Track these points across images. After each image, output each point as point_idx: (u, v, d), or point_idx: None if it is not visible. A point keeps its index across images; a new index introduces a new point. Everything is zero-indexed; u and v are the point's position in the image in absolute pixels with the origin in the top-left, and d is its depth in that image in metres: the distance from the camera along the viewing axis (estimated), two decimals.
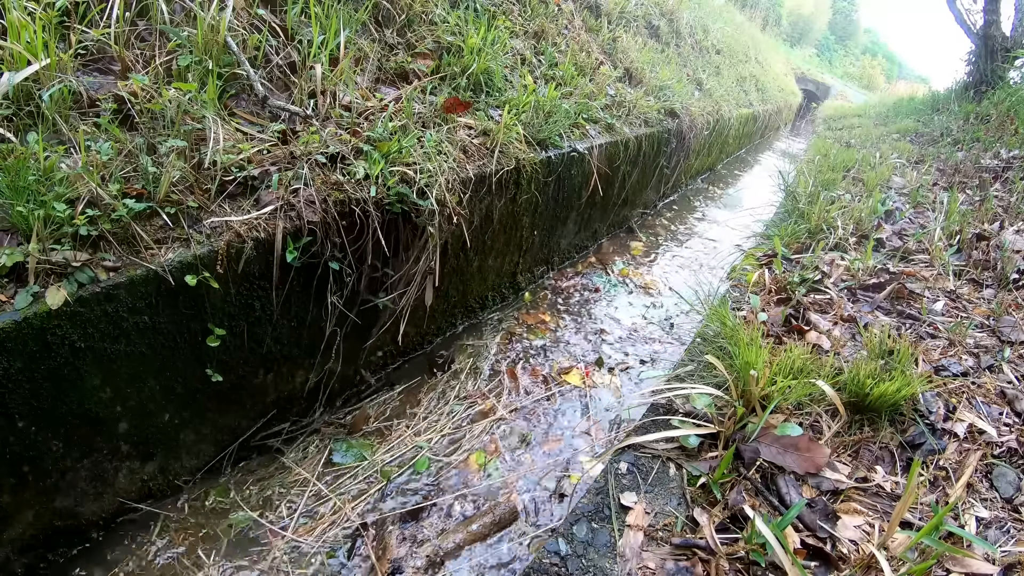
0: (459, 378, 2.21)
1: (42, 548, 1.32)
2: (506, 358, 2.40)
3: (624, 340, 2.72)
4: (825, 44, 30.19)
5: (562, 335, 2.68)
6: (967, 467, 1.47)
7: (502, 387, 2.17)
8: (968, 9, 8.21)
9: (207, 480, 1.66)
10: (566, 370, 2.38)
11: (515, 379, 2.22)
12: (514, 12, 3.26)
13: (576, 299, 3.08)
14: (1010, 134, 5.32)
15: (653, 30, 5.50)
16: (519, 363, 2.37)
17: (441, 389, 2.13)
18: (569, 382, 2.29)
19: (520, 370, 2.29)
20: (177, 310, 1.35)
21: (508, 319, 2.72)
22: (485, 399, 2.08)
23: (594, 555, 1.27)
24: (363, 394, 2.10)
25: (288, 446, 1.82)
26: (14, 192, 1.12)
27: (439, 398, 2.08)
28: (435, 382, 2.17)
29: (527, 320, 2.73)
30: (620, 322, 2.87)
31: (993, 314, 2.24)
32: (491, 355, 2.40)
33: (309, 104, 1.83)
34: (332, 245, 1.62)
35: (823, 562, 1.25)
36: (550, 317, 2.80)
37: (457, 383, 2.17)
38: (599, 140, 3.08)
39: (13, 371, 1.10)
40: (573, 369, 2.39)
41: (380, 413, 2.01)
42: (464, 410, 2.03)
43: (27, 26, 1.31)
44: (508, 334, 2.57)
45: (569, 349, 2.58)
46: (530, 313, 2.79)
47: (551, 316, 2.82)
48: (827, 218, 3.31)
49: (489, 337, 2.54)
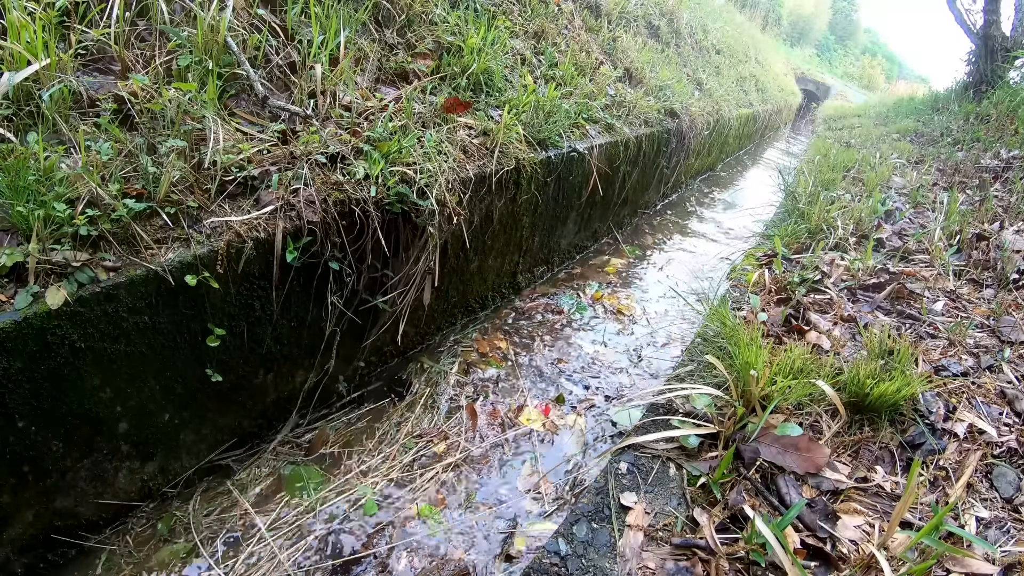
0: (414, 410, 2.03)
1: (42, 548, 1.32)
2: (464, 391, 2.19)
3: (586, 370, 2.44)
4: (825, 44, 30.20)
5: (523, 363, 2.43)
6: (967, 467, 1.47)
7: (460, 425, 1.99)
8: (968, 9, 8.22)
9: (169, 502, 1.57)
10: (523, 408, 2.13)
11: (474, 418, 2.02)
12: (514, 12, 3.27)
13: (539, 321, 2.78)
14: (1010, 134, 5.32)
15: (653, 30, 5.50)
16: (479, 398, 2.16)
17: (397, 421, 1.97)
18: (526, 424, 2.04)
19: (480, 407, 2.09)
20: (177, 310, 1.35)
21: (467, 339, 2.51)
22: (440, 439, 1.91)
23: (594, 555, 1.27)
24: (338, 405, 2.01)
25: (240, 464, 1.72)
26: (14, 192, 1.12)
27: (394, 429, 1.93)
28: (393, 411, 2.02)
29: (482, 348, 2.47)
30: (582, 349, 2.59)
31: (993, 314, 2.24)
32: (450, 385, 2.20)
33: (309, 104, 1.83)
34: (332, 245, 1.62)
35: (823, 562, 1.25)
36: (505, 344, 2.53)
37: (412, 416, 2.00)
38: (599, 140, 3.08)
39: (13, 371, 1.10)
40: (532, 408, 2.13)
41: (339, 437, 1.88)
42: (417, 450, 1.85)
43: (27, 26, 1.31)
44: (464, 362, 2.35)
45: (529, 381, 2.32)
46: (485, 338, 2.54)
47: (506, 343, 2.55)
48: (827, 218, 3.32)
49: (447, 362, 2.33)
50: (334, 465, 1.79)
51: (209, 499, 1.61)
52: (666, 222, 4.62)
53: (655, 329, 2.87)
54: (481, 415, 2.05)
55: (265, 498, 1.64)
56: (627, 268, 3.59)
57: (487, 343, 2.52)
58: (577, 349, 2.59)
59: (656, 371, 2.50)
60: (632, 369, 2.49)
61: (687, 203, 5.29)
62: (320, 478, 1.72)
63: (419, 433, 1.92)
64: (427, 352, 2.40)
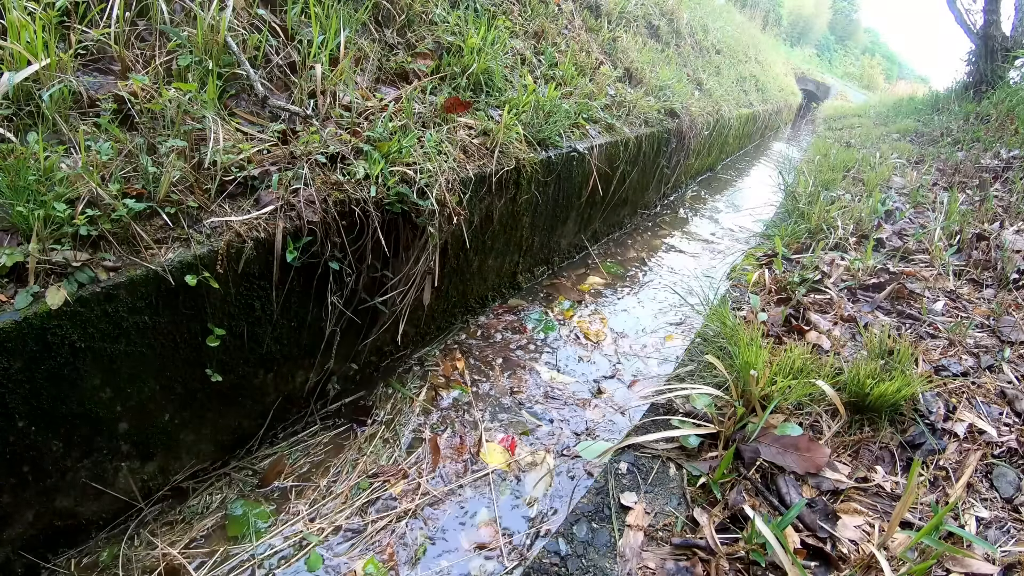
0: (374, 443, 1.85)
1: (42, 548, 1.32)
2: (430, 420, 2.00)
3: (551, 402, 2.21)
4: (825, 44, 30.20)
5: (487, 391, 2.20)
6: (967, 467, 1.47)
7: (421, 461, 1.81)
8: (968, 9, 8.22)
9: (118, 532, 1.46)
10: (487, 444, 1.92)
11: (436, 454, 1.84)
12: (514, 12, 3.27)
13: (503, 342, 2.55)
14: (1010, 134, 5.32)
15: (653, 30, 5.50)
16: (446, 430, 1.96)
17: (354, 457, 1.79)
18: (490, 462, 1.84)
19: (444, 441, 1.90)
20: (177, 310, 1.35)
21: (430, 358, 2.32)
22: (398, 478, 1.73)
23: (594, 555, 1.27)
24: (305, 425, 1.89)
25: (201, 486, 1.61)
26: (14, 192, 1.12)
27: (350, 466, 1.75)
28: (352, 442, 1.85)
29: (445, 371, 2.27)
30: (541, 376, 2.36)
31: (993, 314, 2.24)
32: (415, 414, 2.01)
33: (309, 104, 1.83)
34: (332, 245, 1.62)
35: (823, 562, 1.25)
36: (463, 365, 2.33)
37: (371, 449, 1.82)
38: (599, 140, 3.08)
39: (13, 371, 1.10)
40: (496, 444, 1.93)
41: (294, 469, 1.72)
42: (372, 491, 1.67)
43: (27, 26, 1.31)
44: (432, 386, 2.16)
45: (495, 412, 2.09)
46: (447, 361, 2.33)
47: (467, 366, 2.33)
48: (827, 218, 3.32)
49: (414, 386, 2.14)
50: (284, 500, 1.63)
51: (151, 534, 1.47)
52: (640, 247, 4.08)
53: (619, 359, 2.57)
54: (445, 449, 1.88)
55: (208, 538, 1.50)
56: (607, 284, 3.30)
57: (450, 365, 2.31)
58: (536, 376, 2.37)
59: (627, 403, 2.27)
60: (599, 402, 2.26)
61: (676, 214, 5.28)
62: (267, 520, 1.56)
63: (375, 472, 1.73)
64: (408, 359, 2.26)
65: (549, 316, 2.84)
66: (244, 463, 1.72)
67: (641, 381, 2.40)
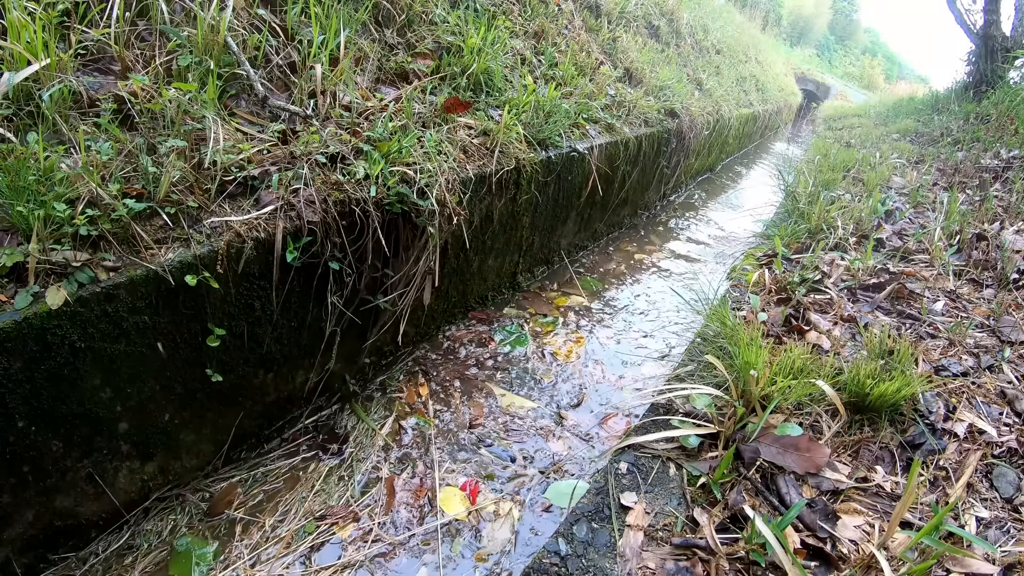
0: (329, 479, 1.70)
1: (42, 548, 1.32)
2: (391, 456, 1.82)
3: (512, 435, 2.00)
4: (825, 44, 30.20)
5: (452, 422, 2.02)
6: (967, 467, 1.47)
7: (375, 504, 1.64)
8: (968, 9, 8.22)
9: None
10: (445, 487, 1.72)
11: (391, 496, 1.66)
12: (514, 12, 3.27)
13: (467, 357, 2.36)
14: (1010, 134, 5.32)
15: (653, 30, 5.50)
16: (405, 469, 1.77)
17: (304, 494, 1.65)
18: (449, 511, 1.65)
19: (402, 482, 1.71)
20: (177, 310, 1.35)
21: (393, 381, 2.14)
22: (348, 521, 1.58)
23: (594, 555, 1.27)
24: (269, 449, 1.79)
25: (159, 506, 1.53)
26: (14, 192, 1.12)
27: (299, 504, 1.62)
28: (304, 478, 1.70)
29: (409, 398, 2.08)
30: (499, 401, 2.16)
31: (993, 314, 2.24)
32: (376, 449, 1.83)
33: (309, 104, 1.83)
34: (332, 245, 1.63)
35: (823, 562, 1.25)
36: (427, 392, 2.13)
37: (326, 486, 1.68)
38: (599, 140, 3.08)
39: (13, 371, 1.10)
40: (457, 488, 1.73)
41: (247, 499, 1.61)
42: (317, 535, 1.53)
43: (27, 26, 1.31)
44: (398, 417, 1.98)
45: (455, 450, 1.89)
46: (411, 387, 2.13)
47: (430, 392, 2.13)
48: (827, 218, 3.32)
49: (378, 416, 1.97)
50: (230, 536, 1.52)
51: (103, 562, 1.40)
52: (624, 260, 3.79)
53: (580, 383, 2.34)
54: (402, 492, 1.70)
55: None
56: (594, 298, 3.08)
57: (414, 391, 2.11)
58: (494, 401, 2.17)
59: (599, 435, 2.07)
60: (564, 431, 2.05)
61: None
62: (208, 564, 1.45)
63: (323, 514, 1.59)
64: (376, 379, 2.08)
65: (524, 330, 2.64)
66: (201, 485, 1.61)
67: (615, 418, 2.14)
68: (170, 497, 1.58)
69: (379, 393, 2.11)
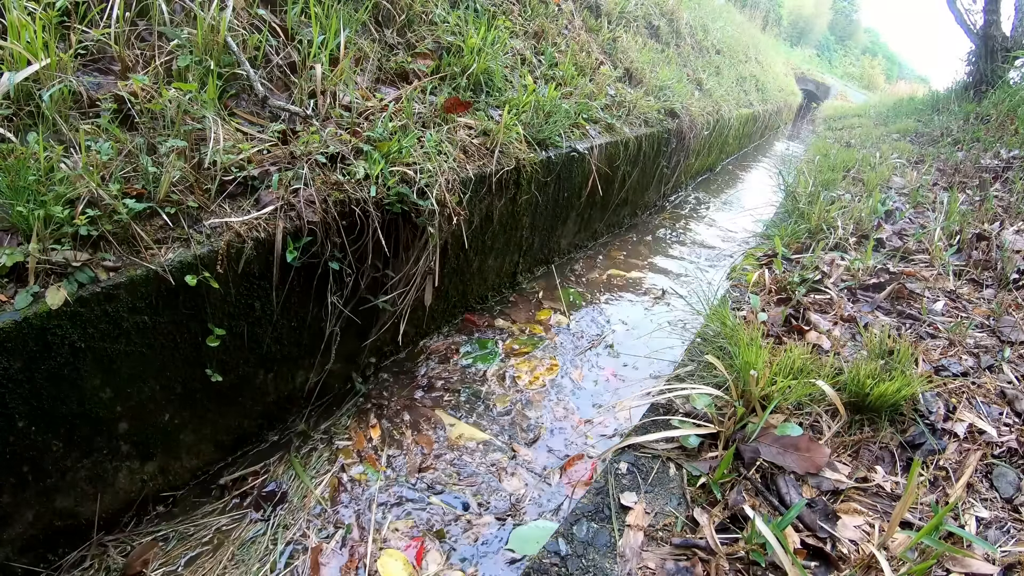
0: (251, 551, 1.48)
1: (42, 548, 1.32)
2: (324, 519, 1.59)
3: (465, 479, 1.79)
4: (825, 44, 30.20)
5: (404, 465, 1.80)
6: (967, 467, 1.47)
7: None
8: (968, 9, 8.21)
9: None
10: (383, 553, 1.50)
11: (316, 569, 1.45)
12: (514, 12, 3.27)
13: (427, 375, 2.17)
14: (1010, 134, 5.32)
15: (653, 30, 5.50)
16: (335, 535, 1.54)
17: (225, 562, 1.44)
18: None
19: (330, 553, 1.50)
20: (177, 310, 1.35)
21: (340, 428, 1.89)
22: None
23: (594, 555, 1.27)
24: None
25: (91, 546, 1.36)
26: (14, 192, 1.12)
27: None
28: (231, 540, 1.50)
29: (358, 444, 1.85)
30: (449, 432, 1.96)
31: (993, 314, 2.24)
32: (307, 512, 1.60)
33: (309, 104, 1.83)
34: (332, 245, 1.63)
35: (823, 562, 1.25)
36: (378, 434, 1.89)
37: (246, 557, 1.46)
38: (599, 140, 3.08)
39: (13, 371, 1.10)
40: (400, 551, 1.51)
41: (169, 559, 1.42)
42: None
43: (27, 26, 1.31)
44: (337, 473, 1.74)
45: (401, 501, 1.68)
46: (360, 432, 1.89)
47: (381, 433, 1.90)
48: (827, 218, 3.31)
49: (313, 473, 1.72)
50: None
51: None
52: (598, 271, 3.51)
53: None
54: (330, 564, 1.46)
55: None
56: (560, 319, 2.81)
57: (363, 436, 1.88)
58: (442, 432, 1.96)
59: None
60: (517, 466, 1.86)
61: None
62: None
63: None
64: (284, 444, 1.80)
65: (498, 347, 2.43)
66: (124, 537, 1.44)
67: (577, 465, 1.89)
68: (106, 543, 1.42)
69: (323, 444, 1.83)
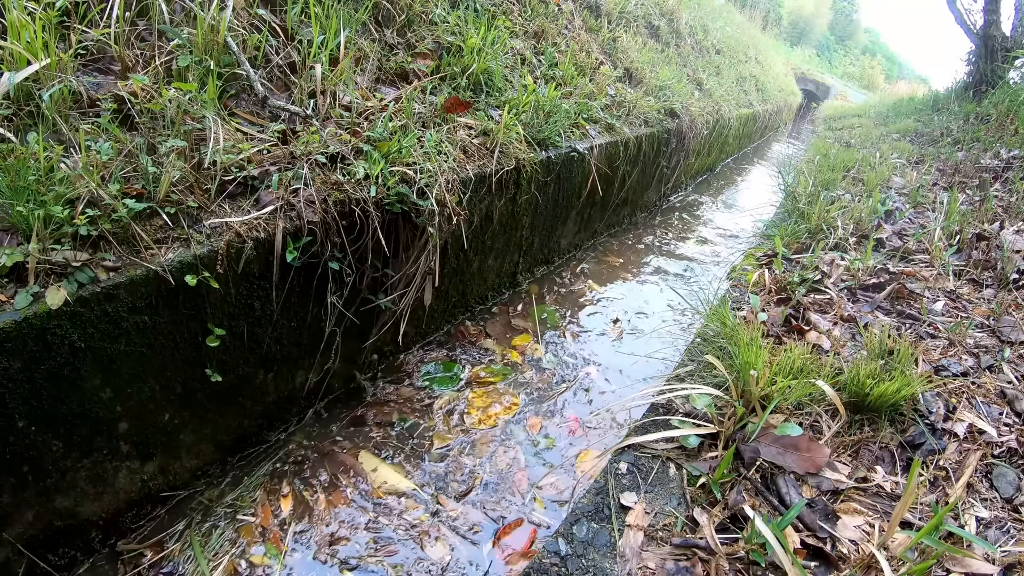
0: None
1: (42, 548, 1.32)
2: None
3: (381, 547, 1.54)
4: (825, 44, 30.19)
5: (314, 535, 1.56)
6: (967, 467, 1.47)
7: None
8: (968, 9, 8.21)
9: None
10: None
11: None
12: (514, 12, 3.27)
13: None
14: (1010, 134, 5.32)
15: (653, 30, 5.50)
16: None
17: None
18: None
19: None
20: (177, 310, 1.35)
21: (246, 501, 1.62)
22: None
23: (594, 555, 1.27)
24: None
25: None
26: (14, 192, 1.12)
27: None
28: None
29: (264, 520, 1.58)
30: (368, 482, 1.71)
31: (993, 314, 2.24)
32: None
33: (309, 104, 1.83)
34: (332, 245, 1.63)
35: (823, 562, 1.25)
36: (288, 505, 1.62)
37: None
38: (599, 140, 3.08)
39: (13, 371, 1.10)
40: None
41: None
42: None
43: (27, 26, 1.31)
44: (246, 548, 1.50)
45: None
46: (267, 505, 1.62)
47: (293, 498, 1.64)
48: (827, 218, 3.31)
49: (211, 555, 1.47)
50: None
51: None
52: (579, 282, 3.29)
53: None
54: None
55: None
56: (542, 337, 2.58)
57: (270, 508, 1.61)
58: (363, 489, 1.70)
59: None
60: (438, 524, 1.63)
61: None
62: None
63: None
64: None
65: (463, 372, 2.21)
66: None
67: (515, 533, 1.63)
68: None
69: (226, 520, 1.56)
